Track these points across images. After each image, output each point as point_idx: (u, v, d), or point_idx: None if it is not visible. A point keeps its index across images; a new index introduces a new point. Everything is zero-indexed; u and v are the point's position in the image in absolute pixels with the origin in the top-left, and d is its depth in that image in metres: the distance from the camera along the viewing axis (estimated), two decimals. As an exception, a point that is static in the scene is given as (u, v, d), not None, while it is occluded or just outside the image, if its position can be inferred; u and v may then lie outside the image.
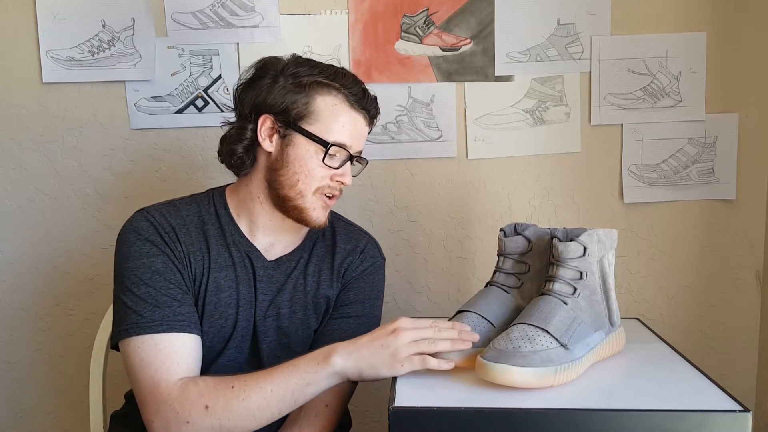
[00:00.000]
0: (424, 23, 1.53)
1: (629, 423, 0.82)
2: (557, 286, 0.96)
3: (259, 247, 1.13)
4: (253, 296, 1.12)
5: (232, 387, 0.96)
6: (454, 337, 0.96)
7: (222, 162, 1.15)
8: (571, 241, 0.97)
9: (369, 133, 1.17)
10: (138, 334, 0.99)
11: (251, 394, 0.96)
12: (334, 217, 1.23)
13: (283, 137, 1.08)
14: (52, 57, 1.53)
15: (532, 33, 1.53)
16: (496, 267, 1.08)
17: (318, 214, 1.10)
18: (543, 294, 0.97)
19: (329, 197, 1.11)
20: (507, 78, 1.55)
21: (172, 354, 1.00)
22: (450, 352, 0.96)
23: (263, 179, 1.10)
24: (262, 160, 1.11)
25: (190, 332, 1.03)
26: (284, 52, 1.14)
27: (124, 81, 1.54)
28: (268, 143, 1.09)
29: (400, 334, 0.95)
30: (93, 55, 1.53)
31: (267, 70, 1.10)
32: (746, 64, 1.54)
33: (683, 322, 1.62)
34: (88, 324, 1.61)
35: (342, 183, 1.11)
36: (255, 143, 1.10)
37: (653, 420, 0.81)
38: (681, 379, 0.94)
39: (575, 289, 0.96)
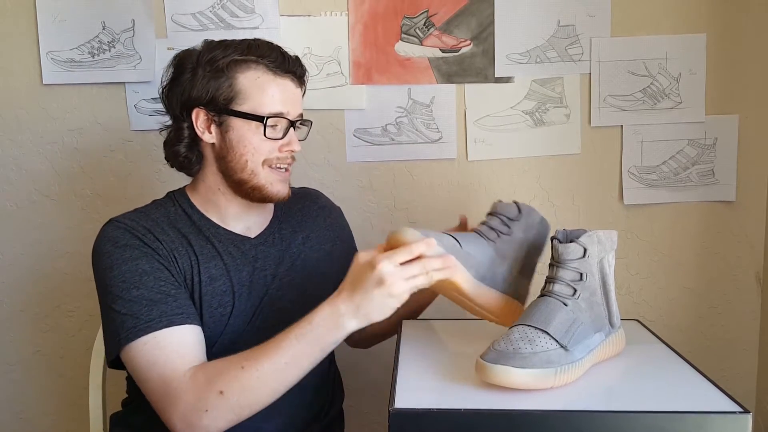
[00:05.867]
0: (424, 25, 1.53)
1: (629, 424, 0.82)
2: (557, 288, 0.96)
3: (238, 233, 1.15)
4: (249, 279, 1.12)
5: (242, 367, 0.94)
6: (439, 267, 0.93)
7: (172, 166, 1.16)
8: (571, 242, 0.97)
9: (304, 93, 1.17)
10: (139, 337, 0.98)
11: (265, 371, 0.94)
12: None
13: (220, 125, 1.09)
14: (52, 58, 1.53)
15: (532, 35, 1.53)
16: (483, 221, 1.10)
17: (278, 188, 1.12)
18: (543, 295, 0.97)
19: (284, 170, 1.12)
20: (507, 79, 1.55)
21: (176, 347, 0.99)
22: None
23: (217, 171, 1.12)
24: (208, 153, 1.12)
25: (191, 323, 1.02)
26: (284, 53, 1.14)
27: (124, 82, 1.54)
28: (209, 135, 1.10)
29: (392, 282, 0.90)
30: (93, 56, 1.53)
31: (184, 64, 1.10)
32: (746, 66, 1.54)
33: (683, 324, 1.62)
34: (87, 325, 1.61)
35: (292, 151, 1.11)
36: (196, 139, 1.12)
37: (653, 421, 0.81)
38: (681, 380, 0.94)
39: (575, 290, 0.96)
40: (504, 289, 1.04)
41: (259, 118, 1.07)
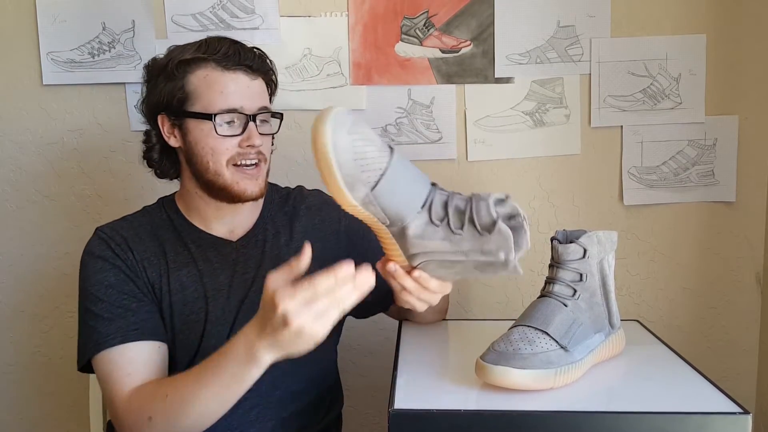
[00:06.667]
0: (424, 25, 1.53)
1: (629, 425, 0.82)
2: (557, 288, 0.96)
3: (220, 236, 1.14)
4: (227, 283, 1.11)
5: (167, 395, 0.94)
6: (352, 293, 0.81)
7: (155, 174, 1.17)
8: (570, 243, 0.97)
9: (274, 87, 1.15)
10: (99, 351, 1.01)
11: (187, 402, 0.92)
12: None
13: (180, 129, 1.09)
14: (52, 59, 1.53)
15: (531, 35, 1.53)
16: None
17: (244, 187, 1.08)
18: (543, 296, 0.97)
19: (250, 166, 1.08)
20: (507, 80, 1.55)
21: (125, 365, 1.00)
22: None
23: (191, 175, 1.12)
24: (181, 158, 1.13)
25: (147, 339, 1.03)
26: (284, 54, 1.15)
27: (125, 83, 1.54)
28: (174, 140, 1.11)
29: (299, 323, 0.79)
30: (93, 57, 1.53)
31: (150, 74, 1.11)
32: (746, 67, 1.54)
33: (683, 324, 1.62)
34: (87, 326, 1.60)
35: (251, 146, 1.06)
36: (167, 145, 1.12)
37: (653, 422, 0.81)
38: (681, 381, 0.94)
39: (575, 290, 0.96)
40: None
41: (208, 116, 1.05)
